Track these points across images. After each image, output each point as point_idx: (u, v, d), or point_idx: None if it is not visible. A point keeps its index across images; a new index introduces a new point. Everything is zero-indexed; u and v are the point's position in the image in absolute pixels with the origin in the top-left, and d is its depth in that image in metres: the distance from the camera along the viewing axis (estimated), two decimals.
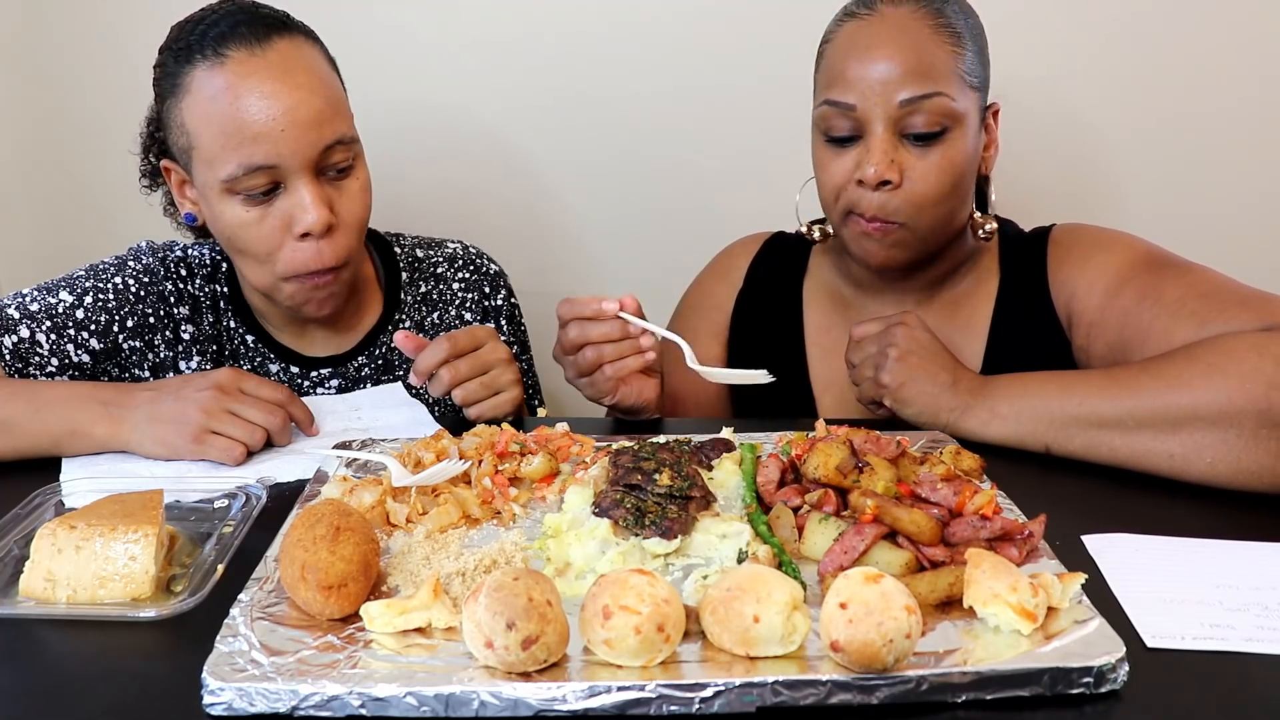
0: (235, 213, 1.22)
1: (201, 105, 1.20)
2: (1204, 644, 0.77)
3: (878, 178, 1.20)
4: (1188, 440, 1.04)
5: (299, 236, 1.22)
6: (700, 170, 1.89)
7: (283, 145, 1.18)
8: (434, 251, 1.50)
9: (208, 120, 1.19)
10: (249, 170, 1.19)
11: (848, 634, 0.68)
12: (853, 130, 1.23)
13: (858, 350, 1.25)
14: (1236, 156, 1.84)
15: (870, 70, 1.20)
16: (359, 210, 1.27)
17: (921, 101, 1.19)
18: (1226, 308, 1.12)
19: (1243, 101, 1.81)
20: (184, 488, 1.03)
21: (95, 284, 1.31)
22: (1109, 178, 1.87)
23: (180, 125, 1.23)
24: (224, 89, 1.18)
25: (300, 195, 1.21)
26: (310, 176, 1.21)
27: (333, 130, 1.22)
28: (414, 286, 1.47)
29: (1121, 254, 1.26)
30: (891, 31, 1.21)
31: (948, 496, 0.89)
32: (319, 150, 1.21)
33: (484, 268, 1.51)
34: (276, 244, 1.23)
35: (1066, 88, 1.82)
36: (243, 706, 0.68)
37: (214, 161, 1.20)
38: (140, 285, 1.33)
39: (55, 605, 0.83)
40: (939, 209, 1.24)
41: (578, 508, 0.91)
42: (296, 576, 0.78)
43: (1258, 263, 1.70)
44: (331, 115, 1.22)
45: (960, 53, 1.22)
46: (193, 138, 1.22)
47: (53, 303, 1.28)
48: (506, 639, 0.68)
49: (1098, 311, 1.25)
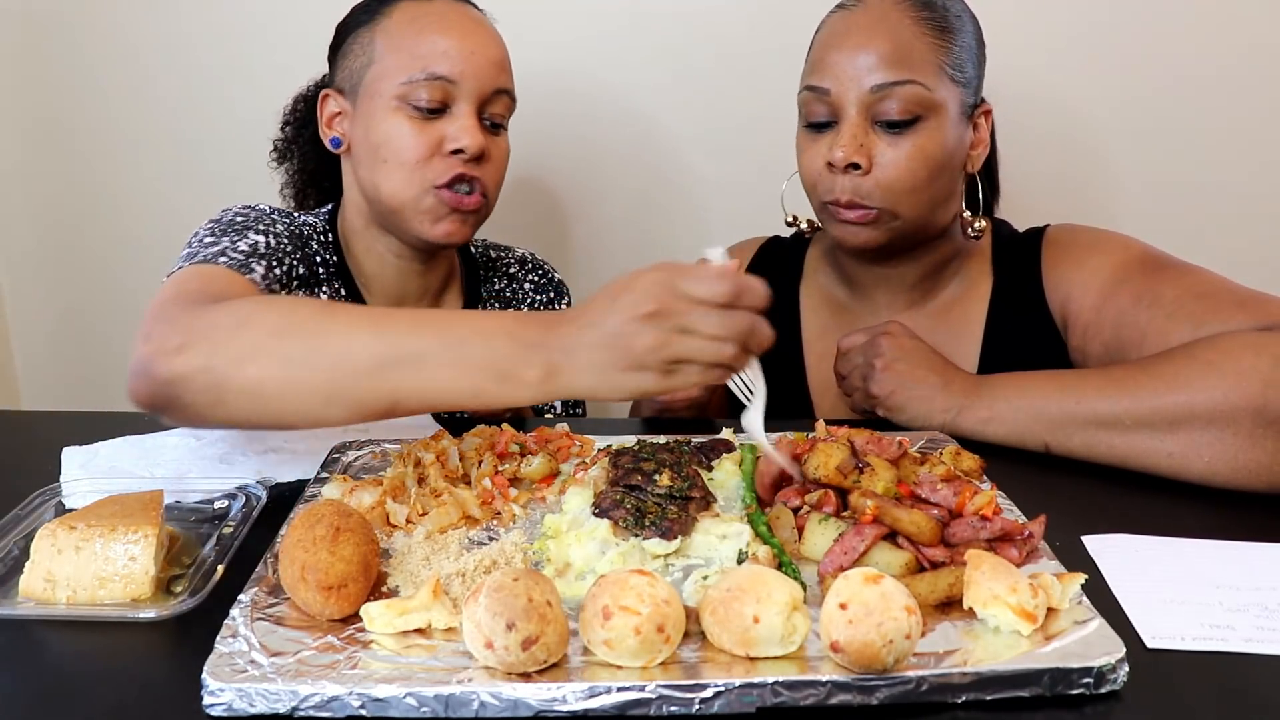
0: (398, 123, 1.27)
1: (400, 25, 1.28)
2: (1204, 644, 0.77)
3: (844, 160, 1.21)
4: (1185, 439, 1.04)
5: (450, 152, 1.27)
6: (699, 175, 1.90)
7: (467, 66, 1.26)
8: (504, 254, 1.57)
9: (403, 34, 1.27)
10: (431, 77, 1.25)
11: (848, 634, 0.68)
12: (829, 115, 1.25)
13: (845, 362, 1.26)
14: (1235, 157, 1.84)
15: (846, 56, 1.22)
16: (501, 162, 1.34)
17: (894, 88, 1.20)
18: (1223, 308, 1.12)
19: (1242, 101, 1.81)
20: (184, 488, 1.03)
21: (268, 227, 1.27)
22: (1108, 178, 1.88)
23: (364, 45, 1.30)
24: (426, 16, 1.28)
25: (462, 119, 1.27)
26: (474, 108, 1.28)
27: (506, 79, 1.32)
28: (489, 283, 1.53)
29: (1117, 255, 1.26)
30: (871, 20, 1.23)
31: (948, 497, 0.89)
32: (492, 88, 1.29)
33: (550, 274, 1.58)
34: (427, 155, 1.27)
35: (1064, 87, 1.82)
36: (243, 707, 0.68)
37: (397, 70, 1.26)
38: (293, 237, 1.32)
39: (55, 606, 0.83)
40: (914, 197, 1.24)
41: (578, 508, 0.91)
42: (296, 577, 0.78)
43: (1257, 263, 1.71)
44: (507, 69, 1.33)
45: (943, 45, 1.23)
46: (378, 54, 1.28)
47: (255, 240, 1.23)
48: (506, 639, 0.68)
49: (1093, 312, 1.25)
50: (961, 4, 1.29)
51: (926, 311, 1.37)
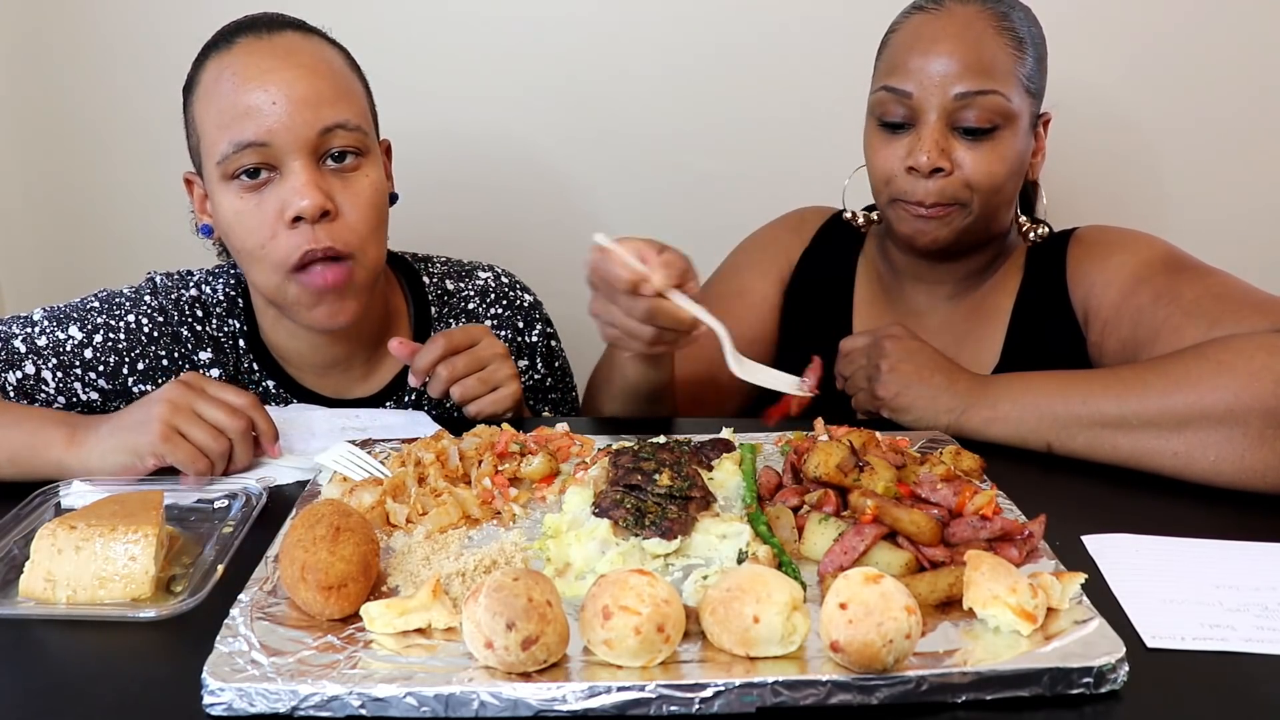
0: (230, 202, 1.16)
1: (207, 89, 1.17)
2: (1204, 644, 0.77)
3: (930, 165, 1.24)
4: (1192, 438, 1.04)
5: (290, 221, 1.14)
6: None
7: (275, 122, 1.12)
8: (464, 283, 1.42)
9: (208, 105, 1.16)
10: (239, 147, 1.13)
11: (848, 634, 0.68)
12: (906, 118, 1.27)
13: (848, 363, 1.27)
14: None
15: (930, 61, 1.24)
16: (364, 207, 1.18)
17: (976, 97, 1.23)
18: (1240, 310, 1.12)
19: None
20: (184, 488, 1.03)
21: (107, 320, 1.26)
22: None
23: (191, 120, 1.20)
24: (225, 72, 1.15)
25: (292, 178, 1.14)
26: (306, 159, 1.14)
27: (334, 113, 1.15)
28: (443, 324, 1.40)
29: (1141, 254, 1.28)
30: (955, 27, 1.25)
31: (948, 497, 0.89)
32: (316, 131, 1.14)
33: (517, 300, 1.44)
34: (270, 233, 1.15)
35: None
36: (243, 707, 0.68)
37: (212, 147, 1.16)
38: (154, 325, 1.28)
39: (55, 605, 0.83)
40: (987, 201, 1.27)
41: (578, 508, 0.91)
42: (296, 577, 0.78)
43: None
44: (334, 98, 1.16)
45: (1020, 56, 1.26)
46: (199, 129, 1.18)
47: (61, 339, 1.23)
48: (506, 639, 0.68)
49: (1113, 309, 1.26)
50: (1032, 15, 1.31)
51: (963, 304, 1.40)
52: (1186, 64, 1.81)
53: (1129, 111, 1.84)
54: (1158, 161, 1.87)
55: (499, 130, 1.89)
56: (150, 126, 1.91)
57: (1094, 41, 1.79)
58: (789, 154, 1.85)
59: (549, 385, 1.49)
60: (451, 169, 1.89)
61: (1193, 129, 1.84)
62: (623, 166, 1.91)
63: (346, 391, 1.35)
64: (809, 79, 1.82)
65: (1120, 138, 1.86)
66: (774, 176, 1.86)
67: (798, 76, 1.83)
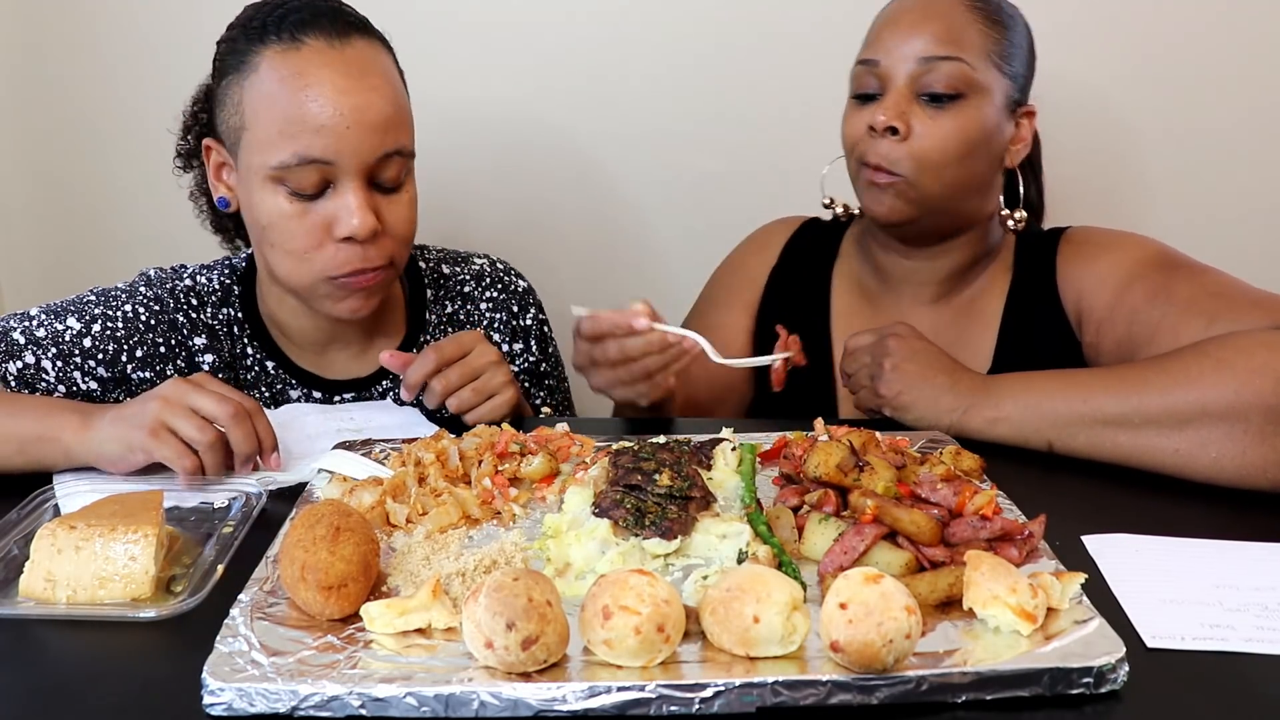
0: (276, 203, 1.17)
1: (267, 86, 1.15)
2: (1204, 644, 0.77)
3: (885, 123, 1.26)
4: (1193, 436, 1.04)
5: (341, 239, 1.18)
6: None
7: (344, 143, 1.14)
8: (460, 268, 1.45)
9: (270, 103, 1.15)
10: (304, 161, 1.14)
11: (848, 634, 0.68)
12: (877, 88, 1.29)
13: (852, 361, 1.27)
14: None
15: (899, 32, 1.28)
16: (405, 223, 1.23)
17: (939, 62, 1.25)
18: (1237, 307, 1.12)
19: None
20: (184, 488, 1.03)
21: (104, 311, 1.27)
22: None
23: (237, 104, 1.18)
24: (294, 75, 1.14)
25: (348, 198, 1.16)
26: (362, 181, 1.17)
27: (395, 139, 1.18)
28: (439, 306, 1.43)
29: (1133, 253, 1.28)
30: (927, 2, 1.29)
31: (948, 497, 0.89)
32: (378, 156, 1.17)
33: (512, 285, 1.47)
34: (315, 243, 1.18)
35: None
36: (243, 707, 0.68)
37: (267, 146, 1.16)
38: (150, 314, 1.29)
39: (55, 605, 0.83)
40: (942, 172, 1.27)
41: (578, 508, 0.91)
42: (296, 576, 0.78)
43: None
44: (397, 124, 1.19)
45: (991, 34, 1.27)
46: (248, 118, 1.17)
47: (59, 329, 1.24)
48: (506, 639, 0.68)
49: (1107, 309, 1.26)
50: (1015, 8, 1.33)
51: (949, 307, 1.40)
52: (1176, 64, 1.80)
53: (1118, 111, 1.83)
54: (1147, 161, 1.86)
55: (498, 130, 1.89)
56: (150, 126, 1.91)
57: (1084, 41, 1.79)
58: (789, 154, 1.84)
59: (544, 371, 1.50)
60: (446, 167, 1.89)
61: (1182, 129, 1.83)
62: (622, 166, 1.91)
63: (344, 370, 1.38)
64: (809, 79, 1.81)
65: (1109, 137, 1.85)
66: (774, 176, 1.86)
67: (798, 76, 1.83)
